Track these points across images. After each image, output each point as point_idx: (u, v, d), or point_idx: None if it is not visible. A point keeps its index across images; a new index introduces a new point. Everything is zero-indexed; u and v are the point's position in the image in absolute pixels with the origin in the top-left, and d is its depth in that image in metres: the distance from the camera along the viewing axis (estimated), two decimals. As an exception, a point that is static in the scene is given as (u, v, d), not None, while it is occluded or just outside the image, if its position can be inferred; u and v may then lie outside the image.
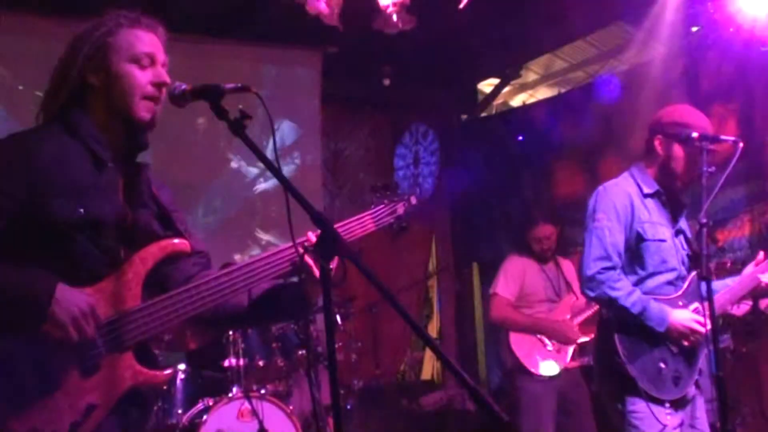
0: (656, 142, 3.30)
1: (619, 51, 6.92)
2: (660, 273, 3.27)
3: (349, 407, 5.67)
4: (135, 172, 2.16)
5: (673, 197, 3.36)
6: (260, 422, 4.43)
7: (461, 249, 8.19)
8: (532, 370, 5.09)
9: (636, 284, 3.25)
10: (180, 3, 5.34)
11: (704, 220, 3.03)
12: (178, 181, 5.76)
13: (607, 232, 3.22)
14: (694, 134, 3.17)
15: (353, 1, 5.12)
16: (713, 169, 3.09)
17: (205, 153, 6.56)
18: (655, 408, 3.10)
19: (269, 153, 1.92)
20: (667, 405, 3.12)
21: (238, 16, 6.23)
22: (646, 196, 3.31)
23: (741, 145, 3.14)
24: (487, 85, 8.29)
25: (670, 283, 3.29)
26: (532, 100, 8.38)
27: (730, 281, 3.41)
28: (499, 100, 8.40)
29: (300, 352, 5.05)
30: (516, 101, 8.58)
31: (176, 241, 2.14)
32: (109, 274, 2.03)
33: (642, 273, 3.27)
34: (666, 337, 3.15)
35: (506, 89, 8.17)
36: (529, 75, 8.19)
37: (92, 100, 2.10)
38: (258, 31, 6.45)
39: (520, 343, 5.18)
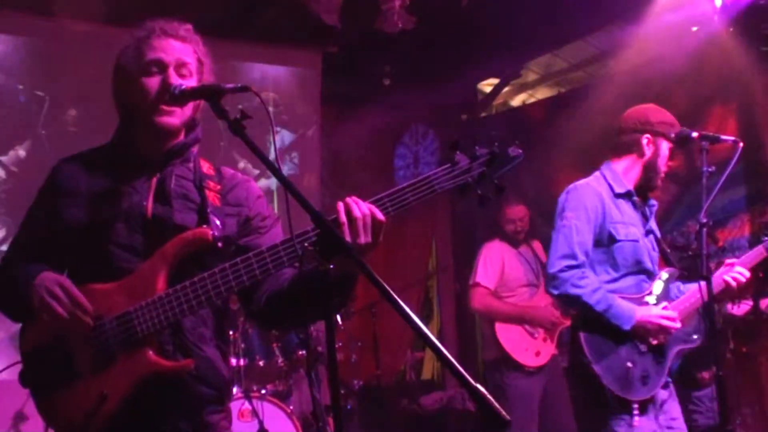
0: (644, 141, 3.27)
1: (619, 51, 6.91)
2: (634, 273, 3.24)
3: (349, 407, 5.67)
4: (170, 173, 2.19)
5: (644, 197, 3.34)
6: (260, 422, 4.43)
7: (461, 249, 8.19)
8: (521, 361, 5.00)
9: (607, 284, 3.20)
10: (180, 4, 5.33)
11: (704, 220, 3.03)
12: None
13: (574, 231, 3.18)
14: (694, 134, 3.17)
15: (353, 1, 5.13)
16: (713, 168, 3.09)
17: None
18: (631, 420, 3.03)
19: (269, 153, 1.91)
20: (635, 407, 3.04)
21: (238, 16, 6.23)
22: (617, 196, 3.28)
23: (741, 145, 3.14)
24: (487, 85, 8.28)
25: (643, 282, 3.26)
26: (532, 100, 8.38)
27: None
28: (499, 100, 8.40)
29: (300, 352, 5.05)
30: (516, 101, 8.58)
31: (196, 230, 2.09)
32: (133, 270, 2.08)
33: (614, 273, 3.23)
34: (633, 335, 3.10)
35: (506, 89, 8.17)
36: (529, 75, 8.18)
37: (129, 116, 2.20)
38: (258, 31, 6.44)
39: (506, 335, 5.08)
